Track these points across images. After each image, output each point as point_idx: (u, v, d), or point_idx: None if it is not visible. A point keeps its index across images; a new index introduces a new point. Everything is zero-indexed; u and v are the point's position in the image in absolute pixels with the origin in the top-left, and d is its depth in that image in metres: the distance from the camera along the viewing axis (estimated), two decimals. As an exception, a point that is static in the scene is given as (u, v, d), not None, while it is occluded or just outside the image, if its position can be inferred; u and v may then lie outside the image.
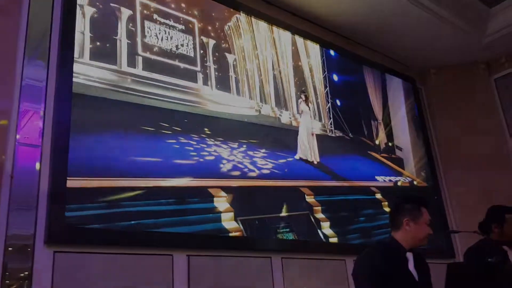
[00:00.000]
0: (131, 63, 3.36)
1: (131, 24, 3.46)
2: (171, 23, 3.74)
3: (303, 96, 4.51)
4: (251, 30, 4.35)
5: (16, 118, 2.52)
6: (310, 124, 4.45)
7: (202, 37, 3.92)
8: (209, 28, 4.01)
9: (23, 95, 2.59)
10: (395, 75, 5.66)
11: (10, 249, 2.27)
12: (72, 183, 2.72)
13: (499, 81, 5.63)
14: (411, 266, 2.22)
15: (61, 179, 2.66)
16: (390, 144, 5.29)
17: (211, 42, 3.97)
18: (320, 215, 4.06)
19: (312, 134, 4.40)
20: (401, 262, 2.22)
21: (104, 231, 2.77)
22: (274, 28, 4.57)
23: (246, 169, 3.72)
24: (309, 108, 4.51)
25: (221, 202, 3.44)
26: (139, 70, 3.39)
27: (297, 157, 4.17)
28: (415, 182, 5.26)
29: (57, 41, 2.94)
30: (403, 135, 5.46)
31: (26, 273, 2.30)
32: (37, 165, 2.54)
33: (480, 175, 5.17)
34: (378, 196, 4.70)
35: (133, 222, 2.92)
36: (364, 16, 4.80)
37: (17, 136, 2.51)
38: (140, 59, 3.43)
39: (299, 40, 4.78)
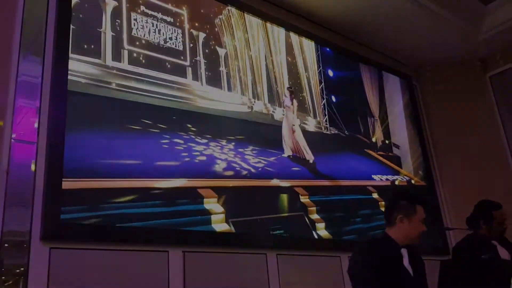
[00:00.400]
0: (116, 57, 3.22)
1: (116, 16, 3.30)
2: (159, 15, 3.58)
3: (287, 92, 4.33)
4: (244, 23, 4.20)
5: (11, 114, 2.51)
6: (292, 120, 4.24)
7: (192, 30, 3.77)
8: (199, 20, 3.86)
9: (18, 91, 2.57)
10: (390, 72, 5.55)
11: (6, 245, 2.27)
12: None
13: (494, 79, 5.61)
14: (406, 262, 2.22)
15: (56, 176, 2.60)
16: (387, 141, 5.16)
17: (201, 36, 3.82)
18: (315, 216, 3.93)
19: (293, 131, 4.19)
20: (396, 258, 2.22)
21: (100, 228, 2.71)
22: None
23: (238, 168, 3.59)
24: (292, 103, 4.30)
25: (212, 204, 3.30)
26: (124, 65, 3.26)
27: (284, 155, 4.00)
28: (412, 181, 5.14)
29: (52, 36, 2.88)
30: (401, 133, 5.34)
31: (22, 269, 2.29)
32: (33, 162, 2.53)
33: (475, 172, 5.14)
34: (375, 195, 4.56)
35: (117, 226, 2.79)
36: (359, 13, 4.72)
37: (13, 133, 2.50)
38: (125, 52, 3.29)
39: (294, 34, 4.62)
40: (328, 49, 4.92)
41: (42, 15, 2.86)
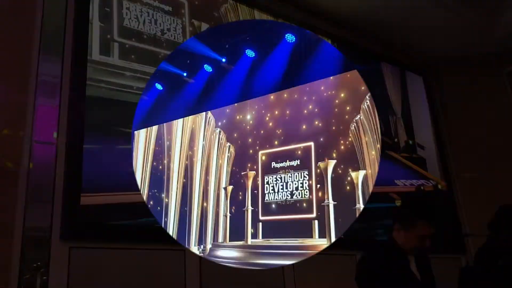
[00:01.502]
0: (105, 50, 2.95)
1: (105, 4, 3.01)
2: (156, 3, 3.28)
3: None
4: (251, 11, 3.85)
5: (32, 114, 2.54)
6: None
7: (193, 20, 3.46)
8: (202, 9, 3.54)
9: (38, 91, 2.59)
10: (405, 68, 5.19)
11: (26, 243, 2.33)
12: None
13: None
14: (413, 266, 2.22)
15: (76, 175, 2.57)
16: (410, 142, 4.78)
17: (204, 26, 3.52)
18: (331, 228, 3.57)
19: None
20: (402, 263, 2.21)
21: (118, 227, 2.70)
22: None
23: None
24: None
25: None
26: (114, 59, 2.98)
27: None
28: (439, 186, 4.77)
29: (71, 36, 2.81)
30: (425, 132, 4.97)
31: (39, 263, 2.34)
32: (53, 161, 2.55)
33: (493, 173, 4.91)
34: (398, 203, 4.18)
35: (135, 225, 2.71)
36: (373, 9, 4.48)
37: (33, 133, 2.52)
38: (116, 45, 3.01)
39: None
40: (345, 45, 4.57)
41: (61, 14, 2.80)
